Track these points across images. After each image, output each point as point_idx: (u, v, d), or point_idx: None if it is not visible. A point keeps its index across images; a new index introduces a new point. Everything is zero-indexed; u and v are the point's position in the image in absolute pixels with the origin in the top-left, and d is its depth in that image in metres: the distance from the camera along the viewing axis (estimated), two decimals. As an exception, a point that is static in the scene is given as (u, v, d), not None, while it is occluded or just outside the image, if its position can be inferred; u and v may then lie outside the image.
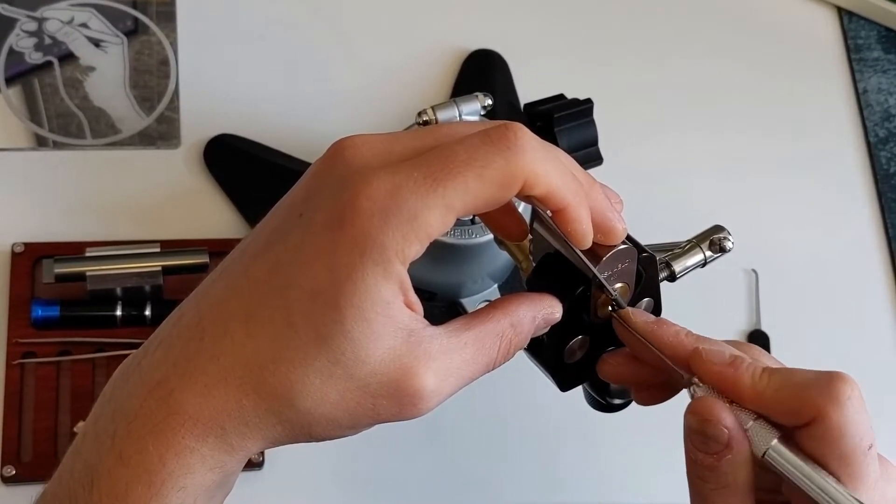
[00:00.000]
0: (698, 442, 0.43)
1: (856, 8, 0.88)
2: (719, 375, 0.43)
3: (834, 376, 0.42)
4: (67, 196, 0.74)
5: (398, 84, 0.81)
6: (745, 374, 0.43)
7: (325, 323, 0.38)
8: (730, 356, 0.44)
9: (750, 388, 0.43)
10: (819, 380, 0.42)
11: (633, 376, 0.48)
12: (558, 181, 0.41)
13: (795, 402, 0.42)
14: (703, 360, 0.44)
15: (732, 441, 0.43)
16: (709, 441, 0.43)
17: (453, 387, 0.41)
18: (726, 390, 0.43)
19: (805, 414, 0.42)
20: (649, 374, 0.47)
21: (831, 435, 0.41)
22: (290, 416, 0.39)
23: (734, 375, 0.43)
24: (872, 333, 0.78)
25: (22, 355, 0.67)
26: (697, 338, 0.45)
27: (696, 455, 0.43)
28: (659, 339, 0.45)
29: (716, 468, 0.43)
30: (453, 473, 0.69)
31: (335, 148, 0.42)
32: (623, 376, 0.48)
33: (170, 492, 0.39)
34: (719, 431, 0.43)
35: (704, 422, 0.43)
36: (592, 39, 0.86)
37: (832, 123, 0.85)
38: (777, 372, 0.43)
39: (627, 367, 0.48)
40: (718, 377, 0.43)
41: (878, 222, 0.81)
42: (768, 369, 0.43)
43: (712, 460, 0.43)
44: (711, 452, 0.43)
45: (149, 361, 0.41)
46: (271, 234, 0.41)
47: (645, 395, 0.49)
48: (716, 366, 0.44)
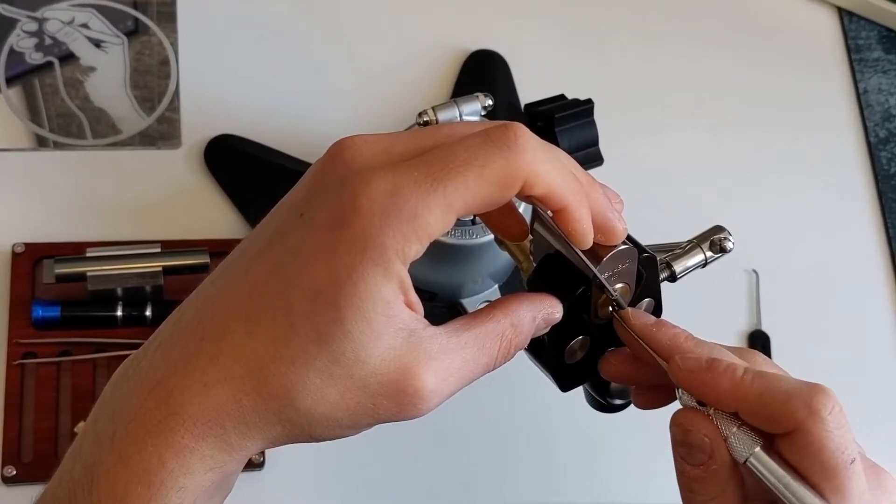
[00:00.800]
0: (684, 453, 0.43)
1: (856, 8, 0.88)
2: (697, 381, 0.43)
3: (816, 389, 0.42)
4: (68, 196, 0.74)
5: (398, 84, 0.81)
6: (724, 377, 0.43)
7: (325, 323, 0.38)
8: (706, 361, 0.43)
9: (730, 391, 0.43)
10: (801, 391, 0.42)
11: (635, 376, 0.48)
12: (558, 181, 0.41)
13: (776, 411, 0.42)
14: (679, 369, 0.44)
15: (715, 451, 0.42)
16: (693, 451, 0.43)
17: (453, 387, 0.41)
18: (706, 395, 0.43)
19: (785, 424, 0.42)
20: (651, 374, 0.47)
21: (812, 448, 0.41)
22: (289, 415, 0.39)
23: (711, 380, 0.43)
24: (873, 333, 0.78)
25: (22, 355, 0.67)
26: (697, 342, 0.45)
27: (684, 467, 0.44)
28: (655, 342, 0.45)
29: (703, 479, 0.43)
30: (454, 474, 0.69)
31: (335, 148, 0.42)
32: (625, 376, 0.48)
33: (169, 492, 0.39)
34: (700, 440, 0.43)
35: (686, 432, 0.43)
36: (593, 39, 0.86)
37: (832, 124, 0.85)
38: (761, 376, 0.43)
39: (629, 366, 0.48)
40: (697, 383, 0.43)
41: (878, 222, 0.81)
42: (752, 371, 0.43)
43: (699, 471, 0.43)
44: (697, 464, 0.43)
45: (148, 362, 0.41)
46: (272, 234, 0.41)
47: (644, 399, 0.49)
48: (692, 372, 0.43)
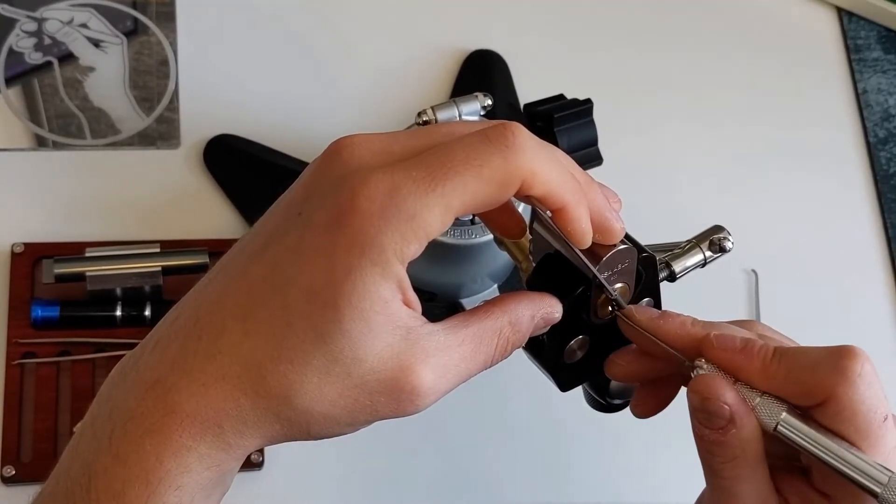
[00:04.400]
0: (702, 419, 0.44)
1: (856, 8, 0.88)
2: (731, 362, 0.44)
3: (843, 353, 0.43)
4: (67, 196, 0.74)
5: (398, 84, 0.81)
6: (756, 358, 0.44)
7: (323, 322, 0.38)
8: (741, 341, 0.44)
9: (760, 372, 0.43)
10: (828, 358, 0.43)
11: (645, 372, 0.48)
12: (557, 180, 0.41)
13: (806, 385, 0.43)
14: (714, 348, 0.44)
15: (735, 416, 0.43)
16: (712, 417, 0.43)
17: (451, 383, 0.41)
18: (739, 375, 0.44)
19: (817, 395, 0.42)
20: (660, 367, 0.47)
21: (845, 413, 0.42)
22: (288, 414, 0.39)
23: (745, 361, 0.44)
24: (873, 333, 0.78)
25: (22, 355, 0.67)
26: (704, 324, 0.46)
27: (703, 431, 0.44)
28: (665, 333, 0.46)
29: (722, 443, 0.44)
30: (454, 474, 0.69)
31: (333, 147, 0.42)
32: (634, 373, 0.48)
33: (167, 490, 0.39)
34: (719, 407, 0.43)
35: (705, 399, 0.44)
36: (592, 39, 0.86)
37: (832, 123, 0.85)
38: (786, 354, 0.44)
39: (637, 363, 0.48)
40: (731, 363, 0.44)
41: (877, 222, 0.81)
42: (778, 351, 0.44)
43: (718, 435, 0.44)
44: (716, 428, 0.44)
45: (146, 361, 0.41)
46: (269, 233, 0.41)
47: (642, 408, 0.49)
48: (727, 352, 0.44)
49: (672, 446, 0.47)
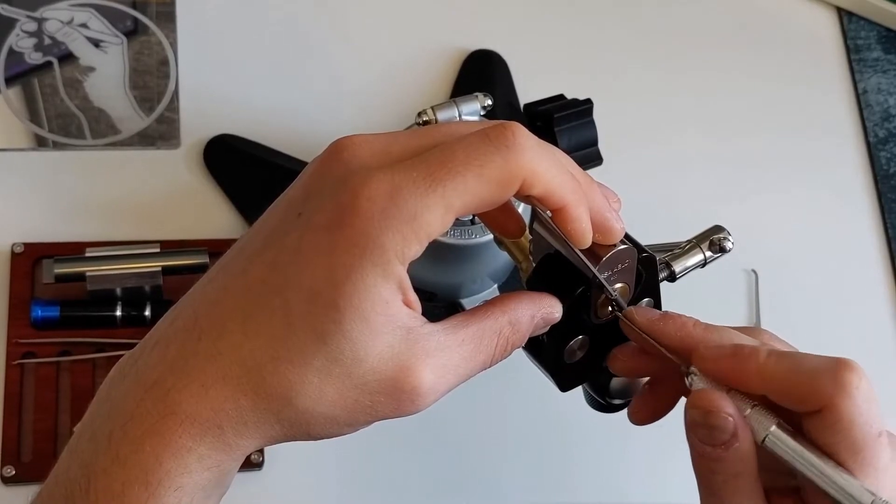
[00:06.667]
0: (704, 435, 0.43)
1: (856, 8, 0.88)
2: (723, 368, 0.43)
3: (842, 364, 0.42)
4: (67, 196, 0.74)
5: (398, 84, 0.81)
6: (749, 361, 0.43)
7: (323, 323, 0.38)
8: (731, 347, 0.44)
9: (756, 374, 0.43)
10: (828, 368, 0.42)
11: (645, 369, 0.48)
12: (557, 180, 0.41)
13: (803, 390, 0.42)
14: (704, 359, 0.44)
15: (739, 429, 0.42)
16: (714, 432, 0.42)
17: (450, 383, 0.41)
18: (732, 381, 0.43)
19: (813, 402, 0.42)
20: (662, 365, 0.47)
21: (840, 425, 0.41)
22: (288, 414, 0.39)
23: (737, 365, 0.43)
24: (873, 333, 0.78)
25: (22, 355, 0.67)
26: (705, 327, 0.45)
27: (703, 449, 0.43)
28: (665, 336, 0.45)
29: (724, 459, 0.43)
30: (454, 474, 0.69)
31: (333, 147, 0.42)
32: (635, 369, 0.48)
33: (167, 491, 0.39)
34: (723, 421, 0.42)
35: (707, 413, 0.42)
36: (592, 39, 0.86)
37: (832, 124, 0.85)
38: (785, 357, 0.43)
39: (638, 359, 0.48)
40: (723, 370, 0.43)
41: (878, 222, 0.81)
42: (776, 352, 0.43)
43: (720, 451, 0.42)
44: (718, 444, 0.42)
45: (145, 361, 0.41)
46: (269, 233, 0.41)
47: (639, 415, 0.49)
48: (718, 361, 0.44)
49: (675, 447, 0.47)
